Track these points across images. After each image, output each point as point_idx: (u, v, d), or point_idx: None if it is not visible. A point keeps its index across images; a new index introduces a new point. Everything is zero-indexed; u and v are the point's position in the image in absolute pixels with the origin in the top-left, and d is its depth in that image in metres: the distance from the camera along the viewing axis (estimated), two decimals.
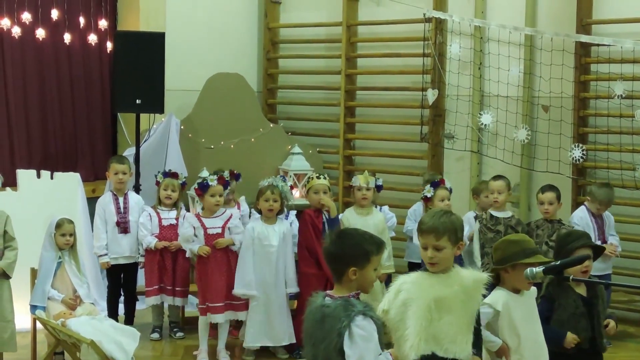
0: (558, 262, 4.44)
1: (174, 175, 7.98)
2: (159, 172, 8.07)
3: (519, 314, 4.83)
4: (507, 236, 5.42)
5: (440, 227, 4.27)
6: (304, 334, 4.08)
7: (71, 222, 7.14)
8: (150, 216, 7.86)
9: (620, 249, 8.06)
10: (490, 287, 4.79)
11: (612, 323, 5.39)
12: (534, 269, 4.31)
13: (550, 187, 7.89)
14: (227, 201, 7.81)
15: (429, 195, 7.78)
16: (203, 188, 7.38)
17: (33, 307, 6.96)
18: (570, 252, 5.21)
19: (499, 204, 7.81)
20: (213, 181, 7.36)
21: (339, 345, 3.83)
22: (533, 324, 4.91)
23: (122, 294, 8.05)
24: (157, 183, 7.98)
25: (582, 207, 8.14)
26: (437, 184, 7.82)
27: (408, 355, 4.16)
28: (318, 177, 7.65)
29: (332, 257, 4.05)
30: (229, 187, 7.71)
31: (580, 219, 8.01)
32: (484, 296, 4.45)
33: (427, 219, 4.36)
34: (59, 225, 7.06)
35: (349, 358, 3.82)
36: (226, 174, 7.75)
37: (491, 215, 7.76)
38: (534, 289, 5.04)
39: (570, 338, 5.17)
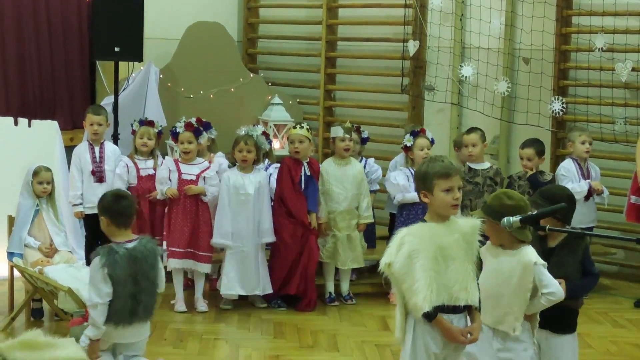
0: (535, 213, 4.47)
1: (150, 123, 7.94)
2: (134, 120, 8.03)
3: (490, 268, 4.66)
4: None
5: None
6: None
7: (48, 169, 7.10)
8: (128, 167, 7.81)
9: (607, 193, 8.10)
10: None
11: (563, 284, 4.77)
12: (510, 218, 4.34)
13: (532, 143, 7.90)
14: (200, 153, 7.79)
15: (408, 144, 7.79)
16: (173, 135, 7.58)
17: (10, 255, 6.94)
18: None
19: (475, 157, 7.80)
20: (181, 128, 7.41)
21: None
22: (507, 284, 4.62)
23: (99, 243, 8.02)
24: (133, 132, 7.95)
25: (568, 159, 8.19)
26: (416, 133, 7.82)
27: (421, 307, 4.20)
28: (294, 127, 7.63)
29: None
30: (201, 135, 7.67)
31: (567, 170, 8.06)
32: (481, 242, 4.45)
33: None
34: (36, 173, 7.03)
35: None
36: (193, 120, 7.69)
37: (469, 168, 7.76)
38: (532, 256, 4.62)
39: None
